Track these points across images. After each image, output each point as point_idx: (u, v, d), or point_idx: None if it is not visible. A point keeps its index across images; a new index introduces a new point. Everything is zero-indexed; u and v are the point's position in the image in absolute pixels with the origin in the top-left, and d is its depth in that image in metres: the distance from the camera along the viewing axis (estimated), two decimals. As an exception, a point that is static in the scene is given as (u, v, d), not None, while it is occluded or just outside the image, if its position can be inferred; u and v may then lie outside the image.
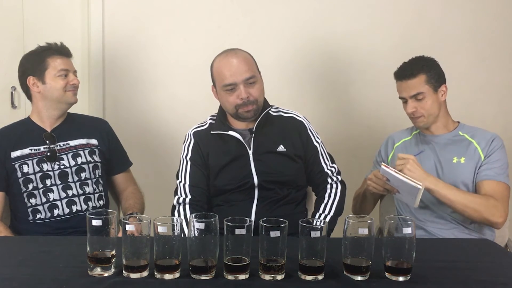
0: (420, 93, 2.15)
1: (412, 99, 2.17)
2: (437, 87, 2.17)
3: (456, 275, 1.51)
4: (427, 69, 2.16)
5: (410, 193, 1.95)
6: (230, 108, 2.10)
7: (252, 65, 2.10)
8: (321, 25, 2.99)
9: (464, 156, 2.17)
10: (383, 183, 2.05)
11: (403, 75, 2.18)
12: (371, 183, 2.09)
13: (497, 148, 2.15)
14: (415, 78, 2.15)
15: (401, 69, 2.21)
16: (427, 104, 2.16)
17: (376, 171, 2.08)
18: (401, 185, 1.98)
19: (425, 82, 2.15)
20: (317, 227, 1.45)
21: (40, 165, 2.17)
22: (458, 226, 2.17)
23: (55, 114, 2.24)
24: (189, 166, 2.14)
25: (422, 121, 2.20)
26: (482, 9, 3.02)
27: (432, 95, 2.16)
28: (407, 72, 2.17)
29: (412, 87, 2.16)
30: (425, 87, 2.15)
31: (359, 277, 1.46)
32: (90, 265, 1.47)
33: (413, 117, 2.21)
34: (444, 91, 2.20)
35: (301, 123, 2.20)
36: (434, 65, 2.20)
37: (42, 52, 2.20)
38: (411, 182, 1.90)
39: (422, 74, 2.15)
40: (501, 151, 2.16)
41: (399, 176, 1.94)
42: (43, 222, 2.16)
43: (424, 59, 2.21)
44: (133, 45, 2.96)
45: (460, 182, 2.14)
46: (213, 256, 1.45)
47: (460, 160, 2.17)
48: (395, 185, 2.02)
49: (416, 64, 2.18)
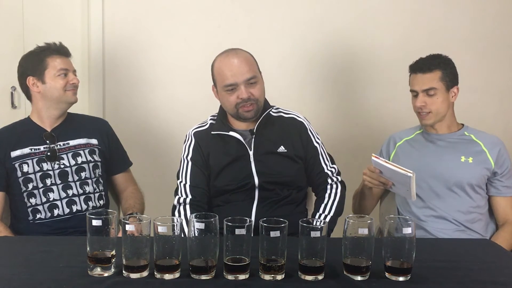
0: (432, 88, 2.15)
1: (423, 93, 2.17)
2: (450, 86, 2.18)
3: (456, 275, 1.51)
4: (444, 67, 2.17)
5: (403, 184, 1.95)
6: (230, 108, 2.10)
7: (253, 65, 2.10)
8: (321, 25, 2.99)
9: (472, 156, 2.18)
10: (377, 176, 2.05)
11: (419, 68, 2.19)
12: (366, 177, 2.09)
13: (506, 155, 2.20)
14: (431, 72, 2.16)
15: (418, 63, 2.22)
16: (438, 101, 2.16)
17: (370, 165, 2.08)
18: (393, 176, 1.98)
19: (440, 78, 2.16)
20: (317, 227, 1.45)
21: (40, 164, 2.17)
22: (459, 226, 2.17)
23: (55, 114, 2.24)
24: (190, 166, 2.14)
25: (430, 118, 2.20)
26: (482, 9, 3.02)
27: (443, 93, 2.17)
28: (424, 66, 2.18)
29: (426, 81, 2.16)
30: (439, 84, 2.16)
31: (359, 277, 1.46)
32: (90, 265, 1.47)
33: (420, 112, 2.21)
34: (455, 92, 2.21)
35: (301, 123, 2.20)
36: (451, 64, 2.21)
37: (41, 52, 2.20)
38: (401, 171, 1.90)
39: (438, 70, 2.16)
40: (508, 158, 2.21)
41: (389, 165, 1.94)
42: (43, 222, 2.16)
43: (442, 57, 2.22)
44: (133, 45, 2.96)
45: (466, 182, 2.15)
46: (213, 256, 1.45)
47: (468, 160, 2.17)
48: (387, 176, 2.02)
49: (434, 60, 2.19)
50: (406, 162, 2.14)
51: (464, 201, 2.17)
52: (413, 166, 1.98)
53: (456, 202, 2.18)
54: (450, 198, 2.18)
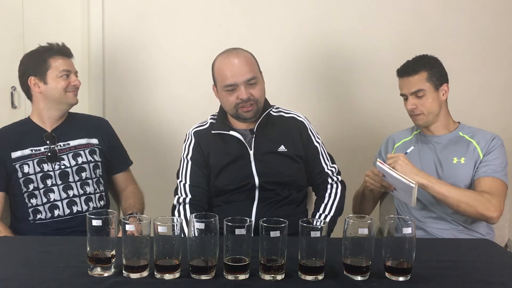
0: (420, 90, 2.15)
1: (412, 96, 2.17)
2: (438, 85, 2.18)
3: (456, 275, 1.51)
4: (429, 67, 2.17)
5: (405, 191, 1.95)
6: (230, 108, 2.10)
7: (254, 65, 2.10)
8: (321, 25, 2.99)
9: (464, 156, 2.17)
10: (380, 180, 2.06)
11: (404, 71, 2.20)
12: (369, 179, 2.10)
13: (497, 146, 2.16)
14: (416, 75, 2.16)
15: (404, 66, 2.22)
16: (427, 101, 2.16)
17: (374, 168, 2.09)
18: (396, 183, 1.99)
19: (426, 79, 2.16)
20: (317, 227, 1.45)
21: (41, 165, 2.17)
22: (458, 226, 2.17)
23: (55, 114, 2.24)
24: (190, 166, 2.14)
25: (422, 119, 2.20)
26: (482, 9, 3.02)
27: (432, 93, 2.17)
28: (409, 69, 2.18)
29: (413, 83, 2.16)
30: (426, 85, 2.16)
31: (359, 277, 1.46)
32: (90, 265, 1.47)
33: (412, 115, 2.21)
34: (446, 90, 2.20)
35: (301, 123, 2.20)
36: (437, 63, 2.21)
37: (43, 53, 2.19)
38: (404, 180, 1.91)
39: (423, 71, 2.16)
40: (500, 150, 2.16)
41: (393, 173, 1.95)
42: (43, 222, 2.16)
43: (427, 58, 2.22)
44: (133, 45, 2.96)
45: (460, 182, 2.14)
46: (213, 256, 1.45)
47: (460, 161, 2.17)
48: (390, 181, 2.03)
49: (419, 62, 2.19)
50: None
51: None
52: None
53: None
54: None
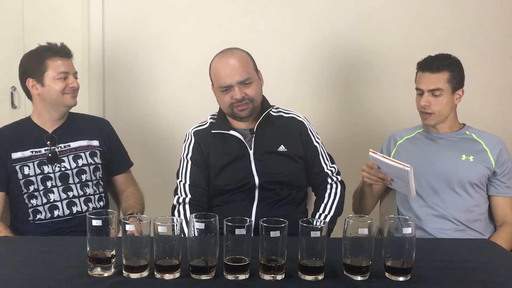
0: (438, 89, 2.14)
1: (429, 93, 2.15)
2: (456, 88, 2.17)
3: (456, 275, 1.51)
4: (452, 68, 2.15)
5: (402, 179, 1.94)
6: (225, 108, 2.10)
7: (248, 65, 2.09)
8: (321, 25, 2.98)
9: (473, 155, 2.17)
10: (376, 172, 2.04)
11: (427, 66, 2.16)
12: (365, 173, 2.08)
13: (507, 157, 2.19)
14: (439, 73, 2.14)
15: (427, 61, 2.19)
16: (442, 102, 2.15)
17: (368, 161, 2.07)
18: (391, 171, 1.98)
19: (447, 80, 2.15)
20: (317, 227, 1.45)
21: (41, 167, 2.16)
22: (459, 225, 2.17)
23: (55, 115, 2.23)
24: (190, 166, 2.14)
25: (433, 119, 2.19)
26: (482, 9, 3.02)
27: (448, 95, 2.16)
28: (433, 65, 2.15)
29: (433, 81, 2.14)
30: (445, 85, 2.14)
31: (359, 277, 1.46)
32: (90, 265, 1.47)
33: (423, 112, 2.19)
34: (460, 95, 2.20)
35: (301, 123, 2.20)
36: (459, 66, 2.19)
37: (42, 53, 2.17)
38: (398, 165, 1.90)
39: (446, 71, 2.14)
40: (509, 160, 2.20)
41: (387, 160, 1.94)
42: (43, 222, 2.16)
43: (451, 58, 2.20)
44: (133, 45, 2.96)
45: (467, 181, 2.15)
46: (213, 256, 1.45)
47: (469, 159, 2.17)
48: (386, 172, 2.01)
49: (443, 60, 2.17)
50: (407, 160, 2.13)
51: (465, 200, 2.17)
52: (414, 164, 1.97)
53: (457, 201, 2.18)
54: (450, 197, 2.18)
